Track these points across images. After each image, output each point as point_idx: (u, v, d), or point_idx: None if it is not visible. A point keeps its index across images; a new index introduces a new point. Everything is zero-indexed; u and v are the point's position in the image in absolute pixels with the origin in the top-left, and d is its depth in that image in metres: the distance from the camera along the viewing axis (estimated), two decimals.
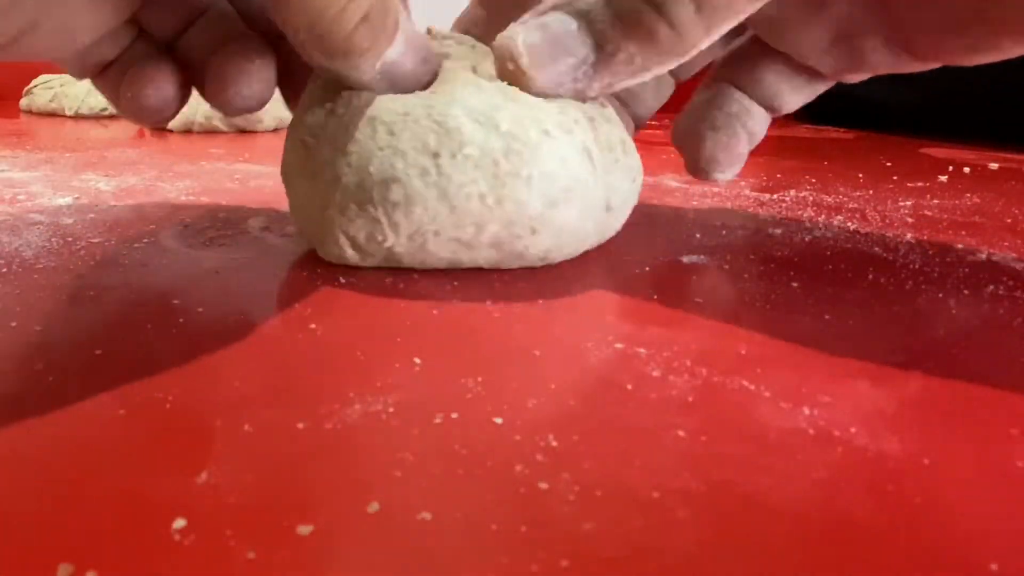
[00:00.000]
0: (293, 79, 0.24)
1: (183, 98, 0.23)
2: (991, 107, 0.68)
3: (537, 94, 0.22)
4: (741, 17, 0.20)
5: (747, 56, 0.27)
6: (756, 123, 0.27)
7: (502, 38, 0.22)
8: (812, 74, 0.25)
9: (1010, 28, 0.20)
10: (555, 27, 0.21)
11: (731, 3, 0.19)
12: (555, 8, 0.21)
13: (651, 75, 0.21)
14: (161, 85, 0.22)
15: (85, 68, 0.23)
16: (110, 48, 0.23)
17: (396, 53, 0.21)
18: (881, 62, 0.23)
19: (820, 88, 0.26)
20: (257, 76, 0.22)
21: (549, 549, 0.11)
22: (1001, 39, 0.21)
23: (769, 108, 0.27)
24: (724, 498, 0.12)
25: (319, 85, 0.23)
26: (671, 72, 0.28)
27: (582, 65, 0.21)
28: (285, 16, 0.19)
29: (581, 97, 0.22)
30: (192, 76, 0.24)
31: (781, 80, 0.26)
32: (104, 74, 0.23)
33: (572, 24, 0.20)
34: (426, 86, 0.23)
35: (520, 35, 0.21)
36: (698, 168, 0.26)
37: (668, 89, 0.29)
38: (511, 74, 0.22)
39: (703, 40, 0.20)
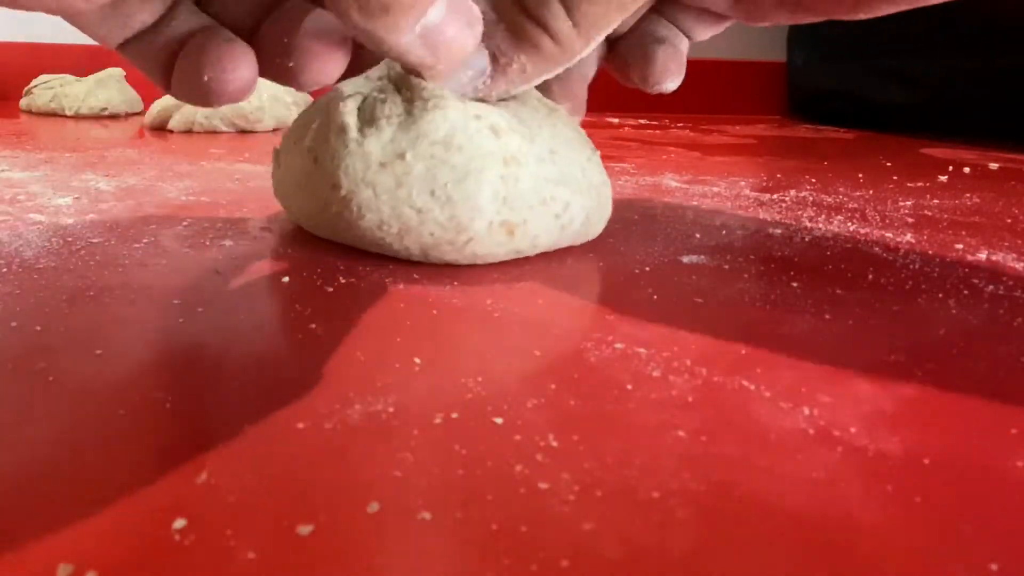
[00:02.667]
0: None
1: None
2: (991, 107, 0.68)
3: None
4: (615, 24, 0.22)
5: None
6: (683, 45, 0.28)
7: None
8: (720, 17, 0.28)
9: None
10: None
11: (604, 15, 0.22)
12: None
13: (542, 79, 0.24)
14: (240, 67, 0.20)
15: (113, 31, 0.20)
16: (148, 9, 0.20)
17: (437, 15, 0.20)
18: (780, 16, 0.26)
19: (728, 23, 0.29)
20: (338, 55, 0.21)
21: (549, 549, 0.11)
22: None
23: (686, 36, 0.29)
24: (724, 498, 0.12)
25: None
26: None
27: (481, 75, 0.23)
28: None
29: (487, 99, 0.24)
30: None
31: (692, 20, 0.28)
32: (139, 41, 0.20)
33: None
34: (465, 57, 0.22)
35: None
36: (650, 81, 0.27)
37: None
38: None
39: (584, 48, 0.22)
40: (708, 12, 0.27)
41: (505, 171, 0.23)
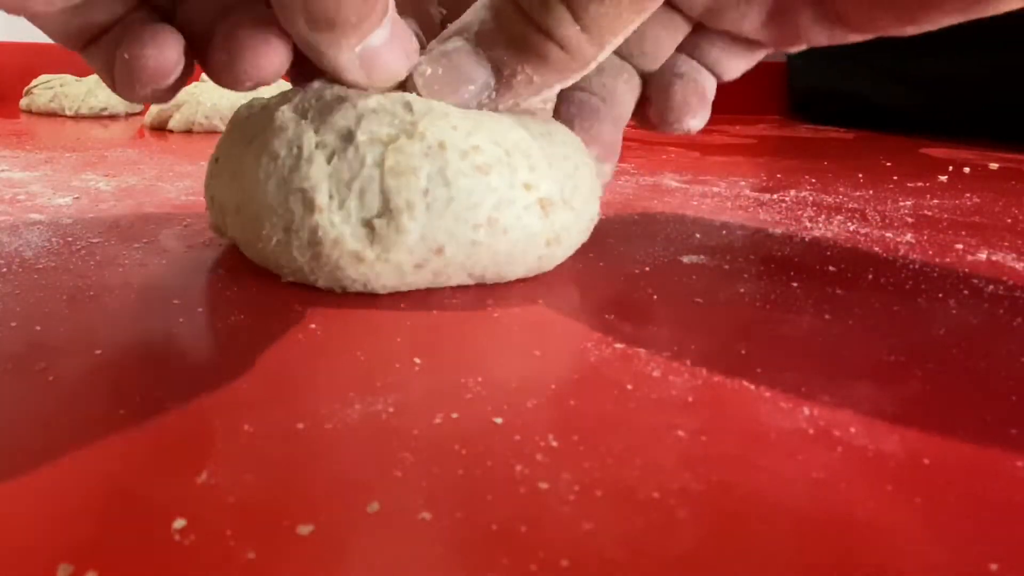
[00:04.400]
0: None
1: (187, 67, 0.21)
2: (991, 107, 0.68)
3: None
4: (631, 28, 0.20)
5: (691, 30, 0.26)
6: (707, 81, 0.26)
7: (414, 70, 0.22)
8: (751, 44, 0.25)
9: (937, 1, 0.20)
10: (455, 56, 0.21)
11: (616, 16, 0.20)
12: (455, 34, 0.22)
13: (555, 90, 0.22)
14: (163, 46, 0.20)
15: (73, 33, 0.21)
16: (103, 10, 0.20)
17: (380, 39, 0.20)
18: (818, 35, 0.23)
19: (760, 55, 0.26)
20: (274, 47, 0.20)
21: (549, 549, 0.11)
22: (929, 11, 0.20)
23: (713, 74, 0.26)
24: (724, 498, 0.12)
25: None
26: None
27: (485, 89, 0.22)
28: None
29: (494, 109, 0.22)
30: (194, 49, 0.21)
31: (722, 51, 0.26)
32: (96, 43, 0.21)
33: (470, 50, 0.21)
34: (400, 86, 0.22)
35: (422, 66, 0.22)
36: (669, 118, 0.25)
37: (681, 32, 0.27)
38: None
39: (597, 55, 0.21)
40: (737, 40, 0.25)
41: (545, 251, 0.22)
